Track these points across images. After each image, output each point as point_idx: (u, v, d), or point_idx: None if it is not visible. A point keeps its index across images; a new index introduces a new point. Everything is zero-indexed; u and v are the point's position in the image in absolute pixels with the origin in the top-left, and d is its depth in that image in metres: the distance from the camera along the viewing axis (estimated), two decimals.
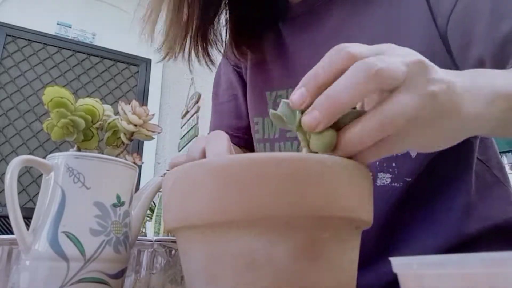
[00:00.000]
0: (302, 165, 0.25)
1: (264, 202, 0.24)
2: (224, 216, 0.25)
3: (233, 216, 0.24)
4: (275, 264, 0.25)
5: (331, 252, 0.26)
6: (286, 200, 0.24)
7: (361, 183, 0.28)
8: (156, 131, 0.42)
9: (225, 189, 0.25)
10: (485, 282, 0.17)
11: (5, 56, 2.52)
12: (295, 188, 0.25)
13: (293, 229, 0.25)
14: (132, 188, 0.38)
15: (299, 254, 0.25)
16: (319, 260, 0.26)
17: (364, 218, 0.28)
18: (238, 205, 0.24)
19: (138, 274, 0.42)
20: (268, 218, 0.24)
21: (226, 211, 0.25)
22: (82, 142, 0.40)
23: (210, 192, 0.25)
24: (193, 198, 0.26)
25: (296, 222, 0.25)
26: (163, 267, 0.43)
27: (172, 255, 0.44)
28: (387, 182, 0.50)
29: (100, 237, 0.34)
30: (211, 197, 0.25)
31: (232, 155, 0.29)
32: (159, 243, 0.44)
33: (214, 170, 0.25)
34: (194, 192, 0.26)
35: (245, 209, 0.24)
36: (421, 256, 0.19)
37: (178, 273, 0.43)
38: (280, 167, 0.25)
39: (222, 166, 0.25)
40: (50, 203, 0.34)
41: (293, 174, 0.25)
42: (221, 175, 0.25)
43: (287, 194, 0.24)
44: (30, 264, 0.33)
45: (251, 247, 0.25)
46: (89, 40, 2.83)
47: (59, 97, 0.38)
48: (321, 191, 0.25)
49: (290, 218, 0.25)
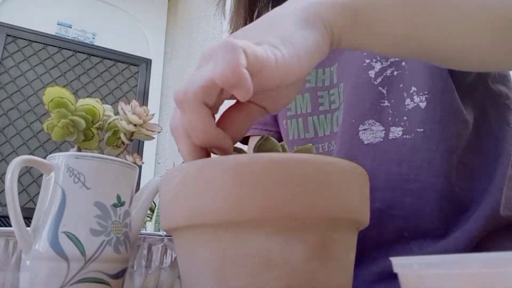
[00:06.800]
0: (321, 167, 0.25)
1: (283, 202, 0.24)
2: (242, 215, 0.24)
3: (250, 215, 0.24)
4: (290, 264, 0.25)
5: (340, 252, 0.27)
6: (305, 201, 0.24)
7: (363, 185, 0.29)
8: (156, 130, 0.42)
9: (243, 188, 0.24)
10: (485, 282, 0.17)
11: (5, 56, 2.52)
12: (314, 189, 0.25)
13: (309, 230, 0.25)
14: (132, 188, 0.38)
15: (313, 254, 0.25)
16: (330, 260, 0.26)
17: (365, 219, 0.29)
18: (257, 205, 0.24)
19: (149, 269, 0.42)
20: (286, 218, 0.24)
21: (244, 210, 0.24)
22: (83, 142, 0.40)
23: (227, 190, 0.25)
24: (207, 196, 0.25)
25: (312, 222, 0.25)
26: (173, 262, 0.43)
27: None
28: (399, 135, 0.52)
29: (100, 237, 0.34)
30: (227, 196, 0.25)
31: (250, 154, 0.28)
32: (169, 238, 0.44)
33: (233, 168, 0.25)
34: (209, 190, 0.25)
35: (263, 208, 0.24)
36: (422, 256, 0.19)
37: None
38: (299, 168, 0.25)
39: (242, 164, 0.25)
40: (50, 203, 0.34)
41: (312, 175, 0.25)
42: (239, 174, 0.25)
43: (306, 195, 0.24)
44: (30, 264, 0.33)
45: (267, 247, 0.25)
46: (89, 40, 2.83)
47: (59, 97, 0.38)
48: (335, 193, 0.25)
49: (306, 219, 0.25)
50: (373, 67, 0.55)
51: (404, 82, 0.53)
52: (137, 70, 2.92)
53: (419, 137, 0.51)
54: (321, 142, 0.60)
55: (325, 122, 0.61)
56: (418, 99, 0.52)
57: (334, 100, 0.61)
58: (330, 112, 0.61)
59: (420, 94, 0.52)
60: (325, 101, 0.61)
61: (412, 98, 0.52)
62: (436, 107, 0.51)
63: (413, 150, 0.51)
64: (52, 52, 2.67)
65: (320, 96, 0.62)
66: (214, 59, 0.25)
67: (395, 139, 0.52)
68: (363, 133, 0.54)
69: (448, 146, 0.51)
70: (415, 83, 0.53)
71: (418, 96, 0.52)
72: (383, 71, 0.55)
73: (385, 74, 0.55)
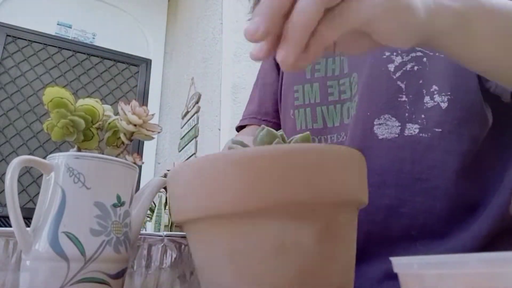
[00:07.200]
0: (323, 154, 0.27)
1: (292, 190, 0.26)
2: (257, 204, 0.26)
3: (265, 203, 0.26)
4: (302, 247, 0.27)
5: (344, 232, 0.29)
6: (312, 187, 0.26)
7: (361, 167, 0.31)
8: (156, 130, 0.42)
9: (254, 179, 0.26)
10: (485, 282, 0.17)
11: (5, 57, 2.51)
12: (319, 176, 0.27)
13: (317, 213, 0.27)
14: (132, 188, 0.38)
15: (321, 236, 0.27)
16: (336, 240, 0.28)
17: (364, 199, 0.31)
18: (271, 193, 0.26)
19: (149, 269, 0.42)
20: (297, 204, 0.26)
21: (259, 199, 0.26)
22: (82, 142, 0.40)
23: (241, 181, 0.26)
24: (221, 188, 0.27)
25: (320, 206, 0.27)
26: (173, 262, 0.43)
27: (181, 251, 0.44)
28: (415, 133, 0.51)
29: (100, 237, 0.34)
30: (242, 187, 0.26)
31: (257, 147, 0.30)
32: (169, 238, 0.44)
33: (243, 161, 0.27)
34: (223, 182, 0.27)
35: (277, 196, 0.26)
36: (422, 256, 0.19)
37: (187, 268, 0.44)
38: (304, 157, 0.27)
39: (251, 157, 0.27)
40: (50, 203, 0.34)
41: (317, 163, 0.27)
42: (250, 166, 0.26)
43: (313, 182, 0.26)
44: (30, 264, 0.33)
45: (280, 232, 0.27)
46: (89, 40, 2.83)
47: (59, 97, 0.38)
48: (338, 178, 0.28)
49: (315, 204, 0.27)
50: (393, 61, 0.54)
51: (424, 78, 0.52)
52: (137, 70, 2.92)
53: (436, 137, 0.50)
54: (329, 134, 0.59)
55: (334, 112, 0.60)
56: (439, 99, 0.51)
57: (344, 90, 0.59)
58: (340, 102, 0.59)
59: (442, 94, 0.51)
60: (335, 91, 0.60)
61: (433, 97, 0.51)
62: (457, 108, 0.50)
63: (428, 149, 0.51)
64: (52, 52, 2.67)
65: (329, 86, 0.61)
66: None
67: (411, 136, 0.51)
68: (378, 128, 0.53)
69: (464, 149, 0.50)
70: (436, 82, 0.52)
71: (440, 95, 0.51)
72: (403, 65, 0.53)
73: (405, 69, 0.53)
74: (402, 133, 0.52)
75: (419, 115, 0.51)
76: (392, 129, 0.52)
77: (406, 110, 0.52)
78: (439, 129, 0.50)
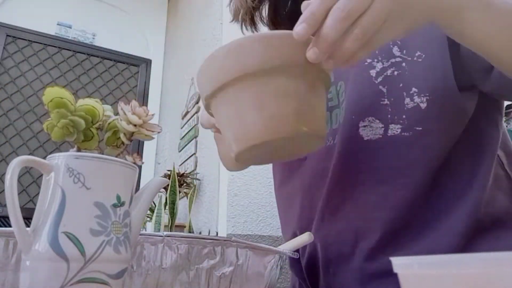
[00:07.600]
0: None
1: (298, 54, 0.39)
2: (278, 61, 0.39)
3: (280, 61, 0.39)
4: (299, 93, 0.40)
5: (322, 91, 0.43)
6: None
7: None
8: (156, 130, 0.42)
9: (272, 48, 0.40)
10: (485, 282, 0.17)
11: (5, 57, 2.52)
12: None
13: (309, 73, 0.41)
14: (132, 188, 0.38)
15: (310, 88, 0.41)
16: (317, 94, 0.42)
17: None
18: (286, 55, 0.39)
19: (149, 269, 0.42)
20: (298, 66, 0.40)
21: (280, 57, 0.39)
22: (82, 142, 0.40)
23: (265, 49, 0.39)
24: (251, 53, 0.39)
25: (311, 69, 0.40)
26: (173, 262, 0.43)
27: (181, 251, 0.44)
28: (397, 132, 0.54)
29: (100, 237, 0.34)
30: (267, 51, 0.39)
31: None
32: (169, 239, 0.44)
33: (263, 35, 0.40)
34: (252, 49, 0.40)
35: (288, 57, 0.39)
36: (422, 256, 0.19)
37: (187, 268, 0.43)
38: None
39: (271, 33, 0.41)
40: (50, 203, 0.34)
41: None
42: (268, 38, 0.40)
43: None
44: (30, 264, 0.33)
45: (287, 83, 0.40)
46: (89, 41, 2.83)
47: (59, 97, 0.38)
48: None
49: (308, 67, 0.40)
50: (374, 67, 0.57)
51: (404, 82, 0.55)
52: (137, 70, 2.92)
53: (418, 134, 0.53)
54: None
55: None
56: (419, 100, 0.54)
57: (331, 98, 0.63)
58: (328, 110, 0.62)
59: (421, 95, 0.53)
60: None
61: (412, 98, 0.54)
62: (436, 108, 0.53)
63: (410, 146, 0.54)
64: (52, 53, 2.67)
65: None
66: None
67: (394, 136, 0.54)
68: (363, 130, 0.56)
69: (442, 145, 0.53)
70: (415, 84, 0.54)
71: (419, 97, 0.54)
72: (384, 70, 0.56)
73: (385, 74, 0.56)
74: (386, 133, 0.55)
75: (400, 116, 0.54)
76: (376, 130, 0.55)
77: (388, 112, 0.55)
78: (419, 127, 0.53)
